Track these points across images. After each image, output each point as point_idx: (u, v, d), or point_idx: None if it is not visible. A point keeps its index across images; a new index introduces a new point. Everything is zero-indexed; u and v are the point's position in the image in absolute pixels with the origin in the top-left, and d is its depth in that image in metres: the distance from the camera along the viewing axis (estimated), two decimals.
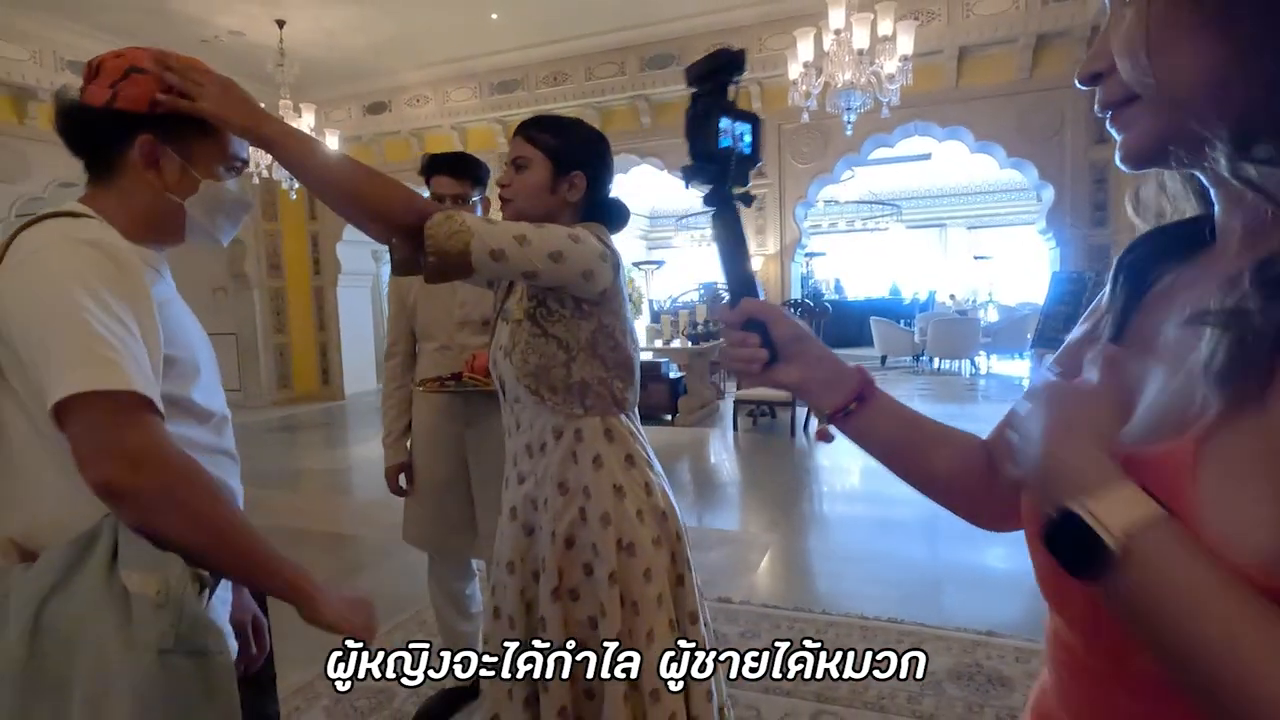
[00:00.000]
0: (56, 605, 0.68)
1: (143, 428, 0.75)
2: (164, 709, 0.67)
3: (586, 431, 1.25)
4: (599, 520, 1.23)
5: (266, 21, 6.26)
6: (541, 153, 1.27)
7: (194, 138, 0.93)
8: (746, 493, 4.61)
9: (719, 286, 11.53)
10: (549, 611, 1.24)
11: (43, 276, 0.78)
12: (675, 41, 6.96)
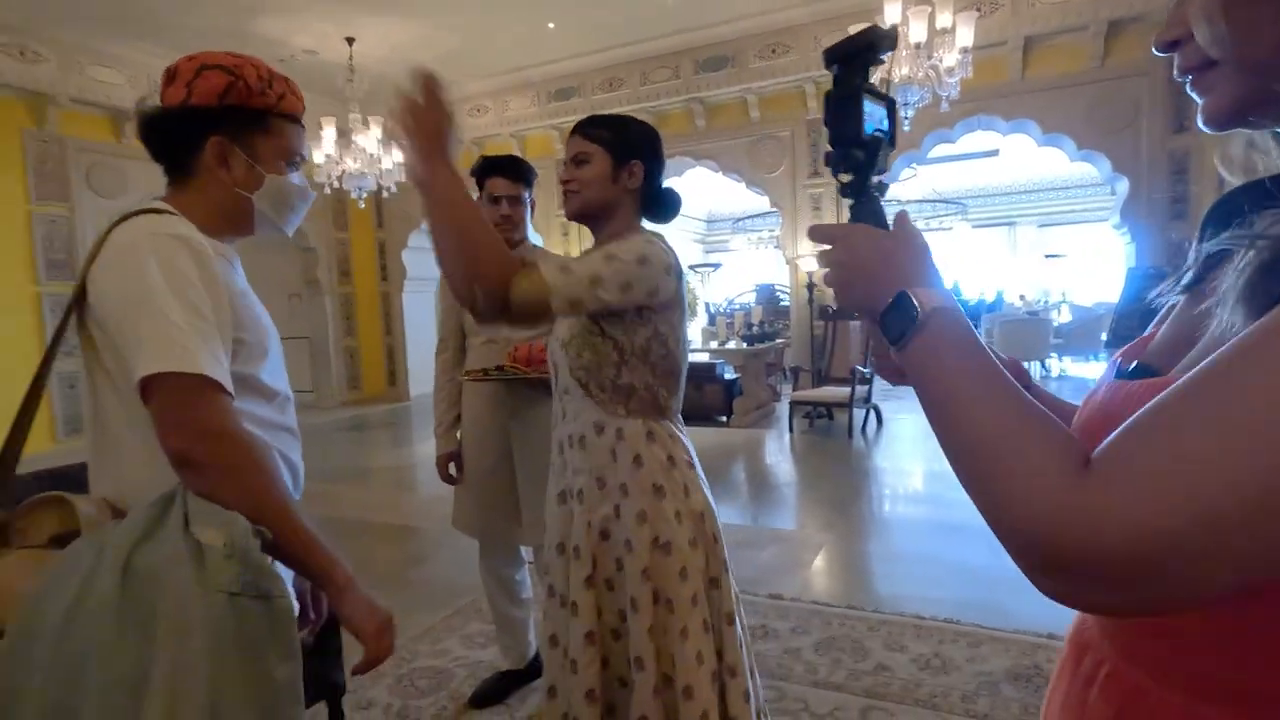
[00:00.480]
0: (143, 553, 0.77)
1: (213, 407, 0.85)
2: (234, 642, 0.76)
3: (628, 431, 1.29)
4: (635, 517, 1.26)
5: (338, 40, 6.58)
6: (600, 146, 1.32)
7: (258, 136, 1.03)
8: (801, 493, 4.57)
9: (776, 288, 11.43)
10: (580, 597, 1.28)
11: (131, 269, 0.88)
12: (729, 44, 6.97)
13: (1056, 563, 0.39)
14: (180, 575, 0.76)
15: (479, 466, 2.03)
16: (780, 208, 7.24)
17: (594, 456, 1.30)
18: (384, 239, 9.34)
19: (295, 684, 0.81)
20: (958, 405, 0.47)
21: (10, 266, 6.05)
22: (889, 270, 0.55)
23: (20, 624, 0.74)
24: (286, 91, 1.05)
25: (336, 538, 3.24)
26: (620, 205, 1.34)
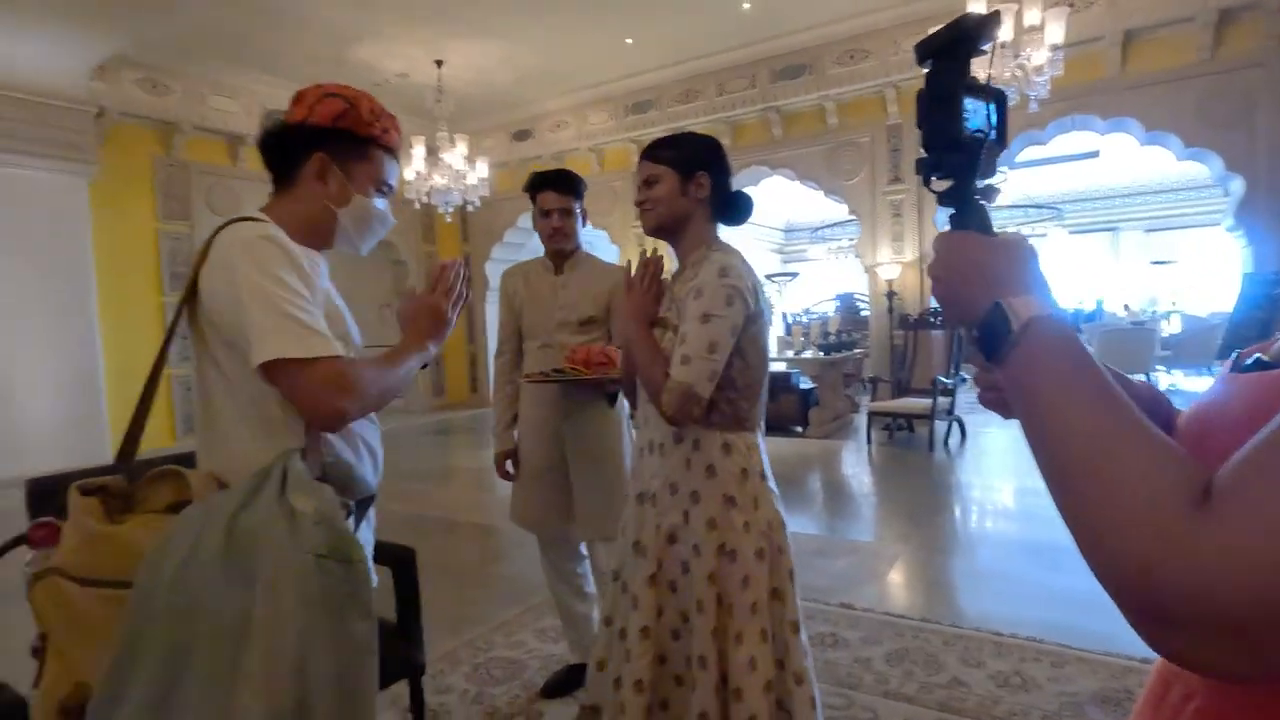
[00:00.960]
0: (244, 516, 0.88)
1: (332, 371, 0.98)
2: (320, 598, 0.86)
3: (705, 443, 1.34)
4: (705, 524, 1.31)
5: (427, 63, 6.95)
6: (666, 166, 1.40)
7: (356, 161, 1.15)
8: (878, 505, 4.46)
9: (855, 297, 11.18)
10: (642, 594, 1.34)
11: (236, 269, 1.00)
12: (806, 51, 6.93)
13: (1165, 609, 0.34)
14: (275, 536, 0.86)
15: (535, 465, 2.10)
16: (859, 215, 7.11)
17: (670, 463, 1.36)
18: (469, 251, 9.73)
19: (371, 641, 0.90)
20: (1059, 423, 0.42)
21: (140, 279, 6.68)
22: (984, 279, 0.51)
23: (143, 576, 0.86)
24: (390, 128, 1.17)
25: (423, 533, 3.43)
26: (693, 216, 1.41)
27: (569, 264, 2.10)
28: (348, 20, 6.08)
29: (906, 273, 6.85)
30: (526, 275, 2.16)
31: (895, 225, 6.87)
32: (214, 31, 6.14)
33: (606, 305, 2.07)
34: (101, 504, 0.94)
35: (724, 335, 1.28)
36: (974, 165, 0.56)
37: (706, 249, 1.40)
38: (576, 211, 2.07)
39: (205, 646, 0.82)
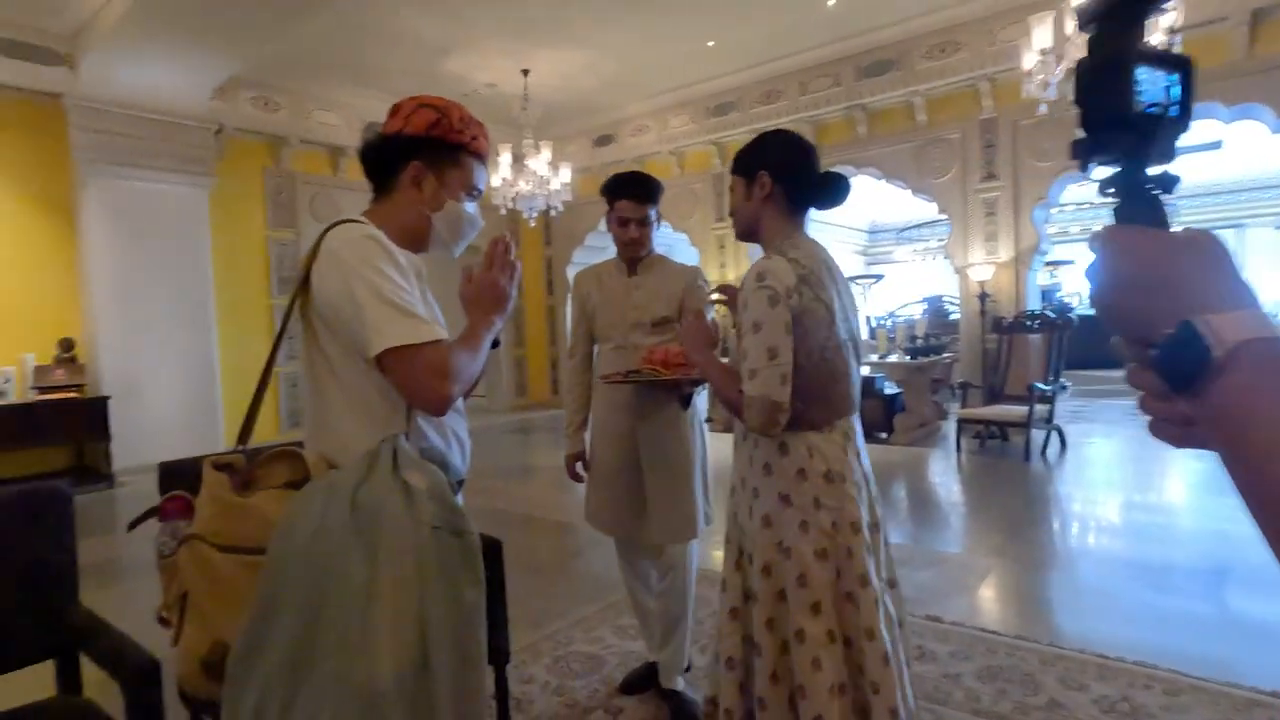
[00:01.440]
0: (364, 490, 0.95)
1: (440, 356, 1.05)
2: (437, 567, 0.93)
3: (763, 441, 1.37)
4: (761, 520, 1.36)
5: (514, 73, 7.16)
6: (735, 175, 1.47)
7: (449, 167, 1.22)
8: (969, 516, 4.27)
9: (944, 299, 10.73)
10: (729, 577, 1.44)
11: (345, 268, 1.07)
12: (894, 46, 6.72)
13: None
14: (395, 509, 0.94)
15: (608, 467, 2.10)
16: (949, 214, 6.83)
17: (741, 458, 1.44)
18: (551, 255, 9.95)
19: (481, 607, 0.97)
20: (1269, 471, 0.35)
21: (252, 283, 7.18)
22: (1167, 290, 0.41)
23: (277, 544, 0.94)
24: (479, 135, 1.24)
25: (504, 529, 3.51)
26: (763, 216, 1.42)
27: (642, 265, 2.11)
28: (440, 34, 6.34)
29: (1000, 274, 6.52)
30: (599, 277, 2.16)
31: (989, 224, 6.56)
32: (317, 51, 6.54)
33: (680, 305, 2.05)
34: (229, 479, 1.03)
35: (779, 337, 1.29)
36: (1147, 147, 0.47)
37: (770, 251, 1.41)
38: (653, 219, 2.07)
39: (336, 607, 0.90)
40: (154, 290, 6.05)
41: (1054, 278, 12.15)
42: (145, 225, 6.04)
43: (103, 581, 3.29)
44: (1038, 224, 6.38)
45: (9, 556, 1.37)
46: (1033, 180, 6.30)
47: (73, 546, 1.46)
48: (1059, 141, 6.11)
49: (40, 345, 5.68)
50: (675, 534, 2.05)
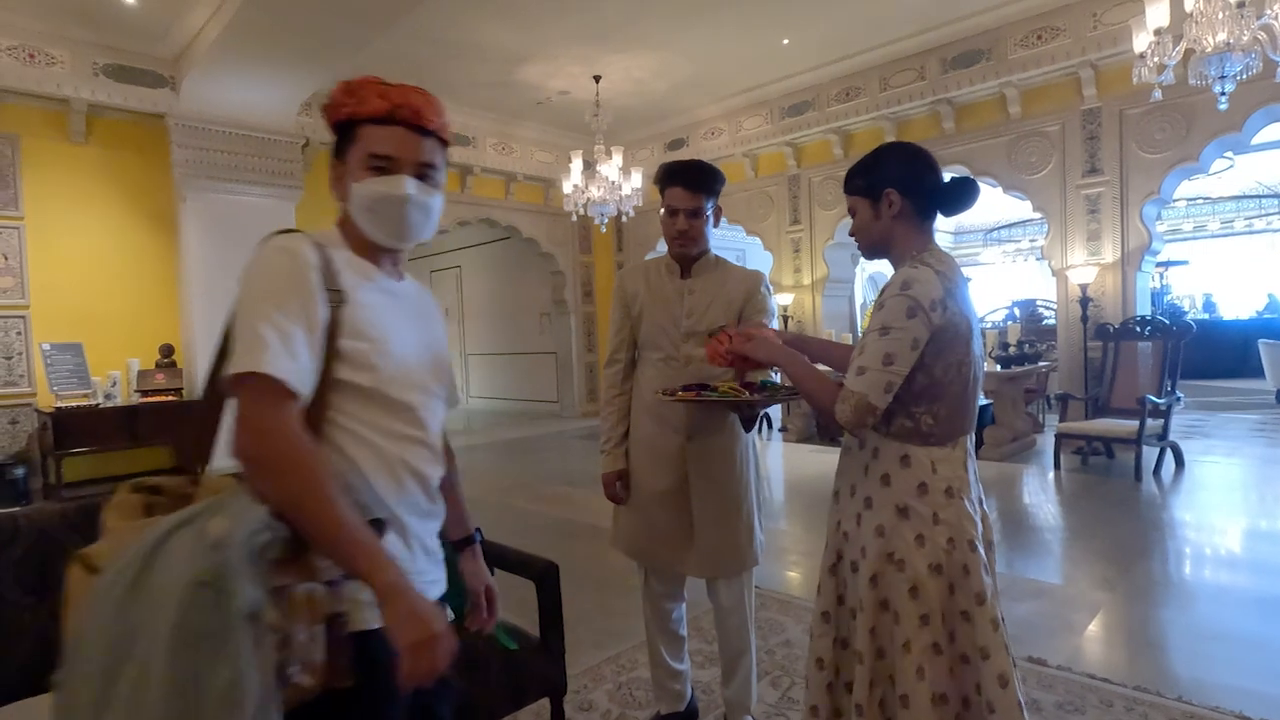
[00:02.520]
0: (177, 534, 0.81)
1: (268, 405, 0.88)
2: (185, 628, 0.75)
3: (883, 451, 1.34)
4: (873, 530, 1.33)
5: (586, 79, 7.15)
6: (856, 195, 1.41)
7: (350, 148, 1.03)
8: (1071, 542, 3.90)
9: (1038, 304, 10.07)
10: (824, 581, 1.45)
11: (243, 280, 0.96)
12: (984, 35, 6.33)
13: None
14: (180, 557, 0.78)
15: (651, 488, 1.88)
16: (1045, 212, 6.37)
17: (853, 465, 1.41)
18: (622, 261, 9.92)
19: (233, 694, 0.76)
20: None
21: None
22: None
23: (103, 576, 0.81)
24: (367, 95, 1.02)
25: (570, 539, 3.43)
26: (894, 232, 1.38)
27: (697, 267, 1.86)
28: (514, 44, 6.39)
29: (1105, 276, 6.02)
30: (648, 276, 1.91)
31: (1091, 223, 6.06)
32: (395, 64, 6.70)
33: (740, 314, 1.82)
34: (144, 502, 0.92)
35: (903, 348, 1.26)
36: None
37: (910, 261, 1.35)
38: (707, 212, 1.82)
39: (102, 662, 0.77)
40: None
41: (1165, 280, 11.22)
42: (237, 236, 6.33)
43: None
44: (1148, 221, 5.85)
45: (62, 568, 1.37)
46: (1142, 174, 5.78)
47: None
48: (1173, 131, 5.59)
49: (144, 350, 6.04)
50: (723, 568, 1.85)
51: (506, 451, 7.48)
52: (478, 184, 8.57)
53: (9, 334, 5.55)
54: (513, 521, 4.58)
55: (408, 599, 0.85)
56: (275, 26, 5.02)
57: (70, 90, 5.66)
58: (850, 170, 1.43)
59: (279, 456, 0.87)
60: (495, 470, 6.49)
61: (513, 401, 11.01)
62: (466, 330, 11.94)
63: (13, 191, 5.54)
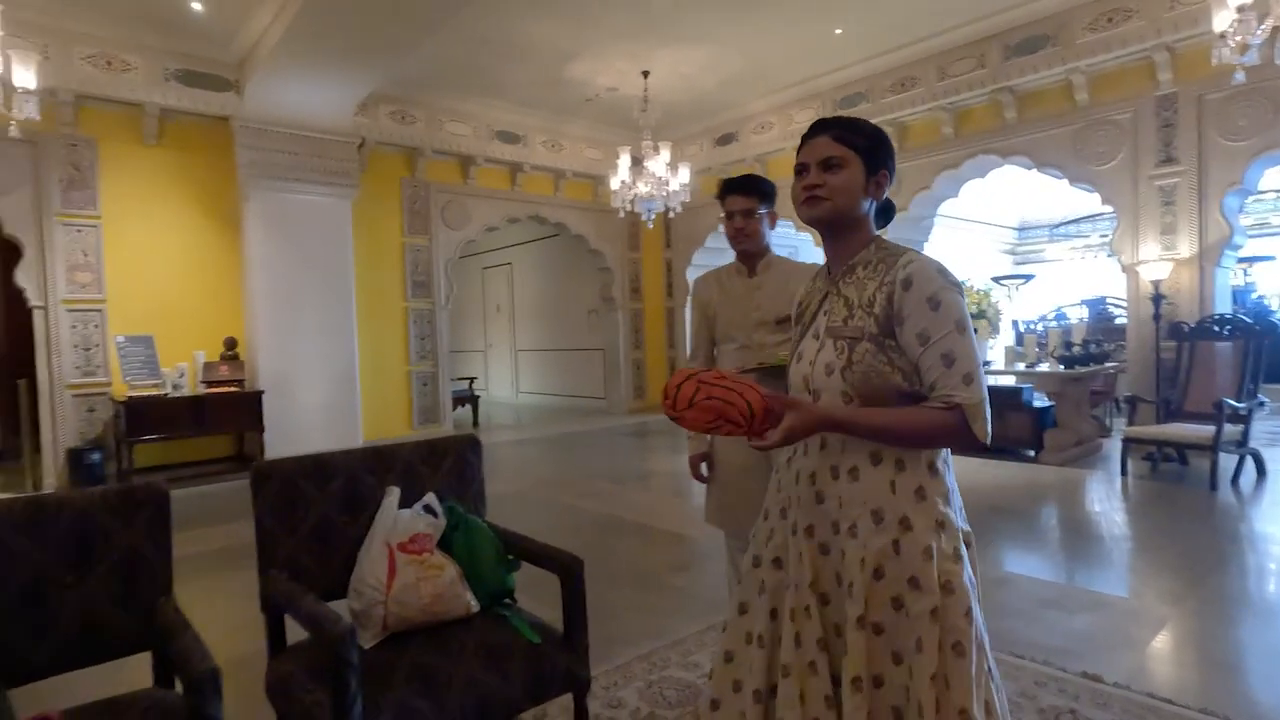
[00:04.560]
0: None
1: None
2: None
3: (910, 462, 1.18)
4: (921, 554, 1.14)
5: (634, 75, 7.13)
6: (855, 152, 1.23)
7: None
8: (1137, 553, 3.68)
9: (1107, 301, 9.58)
10: (853, 638, 1.16)
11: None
12: (1050, 19, 6.05)
13: None
14: None
15: (732, 464, 2.08)
16: (1115, 205, 6.04)
17: (870, 488, 1.18)
18: (670, 258, 9.88)
19: None
20: None
21: (388, 287, 7.63)
22: None
23: None
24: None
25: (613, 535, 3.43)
26: (866, 217, 1.28)
27: (761, 265, 2.12)
28: (563, 41, 6.42)
29: (1180, 272, 5.67)
30: (720, 281, 2.20)
31: (1165, 216, 5.72)
32: (449, 65, 6.83)
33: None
34: None
35: (971, 328, 1.17)
36: None
37: (878, 246, 1.26)
38: (761, 213, 2.08)
39: None
40: (303, 293, 6.56)
41: (1248, 276, 10.53)
42: (297, 234, 6.56)
43: (237, 564, 3.54)
44: (1229, 214, 5.48)
45: (110, 552, 1.42)
46: (1223, 163, 5.42)
47: (168, 543, 1.50)
48: (1259, 116, 5.22)
49: (210, 343, 6.32)
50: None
51: (553, 447, 7.53)
52: (527, 181, 8.65)
53: (88, 327, 5.88)
54: (557, 516, 4.61)
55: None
56: (332, 31, 5.16)
57: (144, 95, 5.95)
58: (839, 119, 1.27)
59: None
60: (542, 465, 6.54)
61: (561, 397, 11.10)
62: (516, 327, 12.10)
63: (92, 192, 5.87)
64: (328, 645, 1.31)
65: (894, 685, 1.14)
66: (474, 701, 1.48)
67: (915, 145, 7.25)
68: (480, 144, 8.05)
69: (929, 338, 1.14)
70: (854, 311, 1.22)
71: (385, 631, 1.59)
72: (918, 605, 1.13)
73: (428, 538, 1.71)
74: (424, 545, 1.69)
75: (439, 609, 1.64)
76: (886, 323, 1.18)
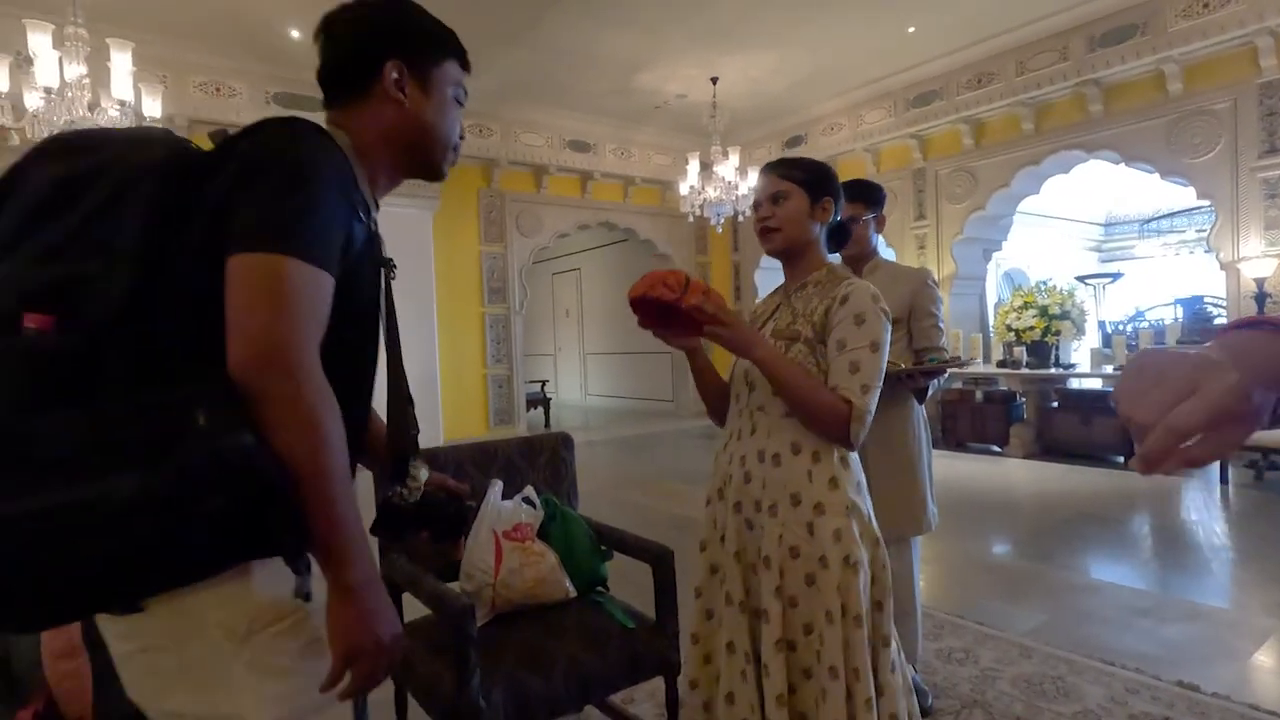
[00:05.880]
0: None
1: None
2: None
3: (824, 454, 1.34)
4: (831, 536, 1.30)
5: (703, 81, 7.21)
6: (797, 185, 1.42)
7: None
8: (1237, 563, 3.52)
9: (1205, 300, 9.04)
10: (771, 605, 1.31)
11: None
12: (1139, 8, 5.80)
13: None
14: None
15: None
16: (1213, 199, 5.74)
17: (790, 474, 1.34)
18: (739, 261, 9.90)
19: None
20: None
21: (467, 294, 7.95)
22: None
23: None
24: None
25: (683, 532, 3.52)
26: (815, 241, 1.45)
27: (867, 268, 2.16)
28: (633, 51, 6.56)
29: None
30: None
31: (1270, 210, 5.40)
32: (524, 77, 7.07)
33: (909, 307, 2.10)
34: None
35: (884, 338, 1.33)
36: None
37: (829, 270, 1.44)
38: (867, 219, 2.12)
39: None
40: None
41: None
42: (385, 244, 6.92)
43: None
44: None
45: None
46: None
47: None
48: None
49: None
50: (900, 527, 2.02)
51: (623, 448, 7.68)
52: (597, 189, 8.85)
53: None
54: (629, 515, 4.72)
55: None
56: None
57: (248, 118, 6.38)
58: (784, 161, 1.48)
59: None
60: (612, 466, 6.69)
61: (629, 400, 11.26)
62: (585, 330, 12.34)
63: None
64: (450, 621, 1.45)
65: (808, 650, 1.30)
66: (576, 679, 1.59)
67: (992, 142, 7.06)
68: (552, 153, 8.29)
69: (845, 346, 1.31)
70: (797, 319, 1.39)
71: (493, 612, 1.73)
72: (826, 582, 1.28)
73: (529, 527, 1.84)
74: (525, 534, 1.82)
75: (540, 593, 1.76)
76: (821, 330, 1.35)
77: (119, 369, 0.69)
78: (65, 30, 3.95)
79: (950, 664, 2.38)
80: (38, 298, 0.69)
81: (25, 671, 1.16)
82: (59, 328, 0.68)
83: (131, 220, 0.72)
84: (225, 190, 0.76)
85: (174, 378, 0.70)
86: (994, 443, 6.60)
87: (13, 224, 0.74)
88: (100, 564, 0.66)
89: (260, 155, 0.78)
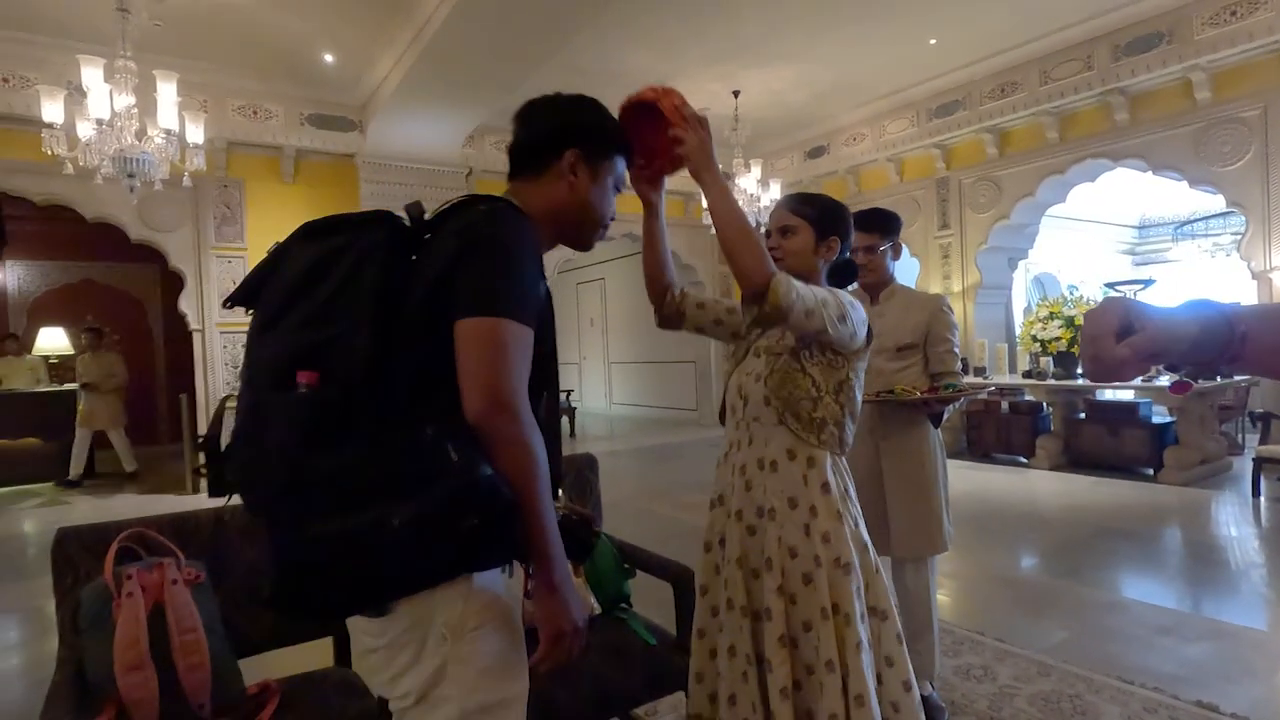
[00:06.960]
0: None
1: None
2: None
3: (817, 460, 1.42)
4: (821, 538, 1.39)
5: (725, 95, 7.28)
6: (805, 221, 1.52)
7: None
8: (1269, 581, 3.48)
9: None
10: (774, 604, 1.39)
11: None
12: (1165, 16, 5.76)
13: None
14: None
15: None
16: (1243, 207, 5.66)
17: (787, 479, 1.43)
18: None
19: None
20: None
21: None
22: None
23: None
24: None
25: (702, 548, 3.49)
26: (816, 276, 1.53)
27: (884, 294, 2.21)
28: (655, 67, 6.66)
29: None
30: None
31: None
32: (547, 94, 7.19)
33: (925, 333, 2.15)
34: None
35: (837, 310, 1.35)
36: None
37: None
38: (881, 249, 2.16)
39: None
40: None
41: None
42: None
43: None
44: None
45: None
46: None
47: None
48: None
49: None
50: (918, 548, 2.09)
51: (647, 458, 7.74)
52: (621, 201, 8.88)
53: (237, 347, 6.60)
54: (653, 527, 4.79)
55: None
56: (446, 71, 5.61)
57: (283, 139, 6.64)
58: (796, 195, 1.57)
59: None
60: (636, 476, 6.76)
61: (653, 408, 11.33)
62: (609, 340, 12.45)
63: (239, 227, 6.60)
64: None
65: (808, 647, 1.37)
66: (600, 693, 1.67)
67: (1016, 151, 7.03)
68: None
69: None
70: (785, 335, 1.46)
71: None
72: (821, 581, 1.37)
73: None
74: None
75: None
76: (807, 339, 1.43)
77: (366, 413, 0.86)
78: (115, 63, 4.16)
79: (969, 681, 2.41)
80: (304, 358, 0.86)
81: (98, 683, 1.27)
82: (323, 380, 0.85)
83: (366, 292, 0.90)
84: (444, 265, 0.93)
85: (410, 419, 0.87)
86: (1020, 454, 6.56)
87: (276, 299, 0.92)
88: (377, 571, 0.86)
89: (473, 236, 0.95)
